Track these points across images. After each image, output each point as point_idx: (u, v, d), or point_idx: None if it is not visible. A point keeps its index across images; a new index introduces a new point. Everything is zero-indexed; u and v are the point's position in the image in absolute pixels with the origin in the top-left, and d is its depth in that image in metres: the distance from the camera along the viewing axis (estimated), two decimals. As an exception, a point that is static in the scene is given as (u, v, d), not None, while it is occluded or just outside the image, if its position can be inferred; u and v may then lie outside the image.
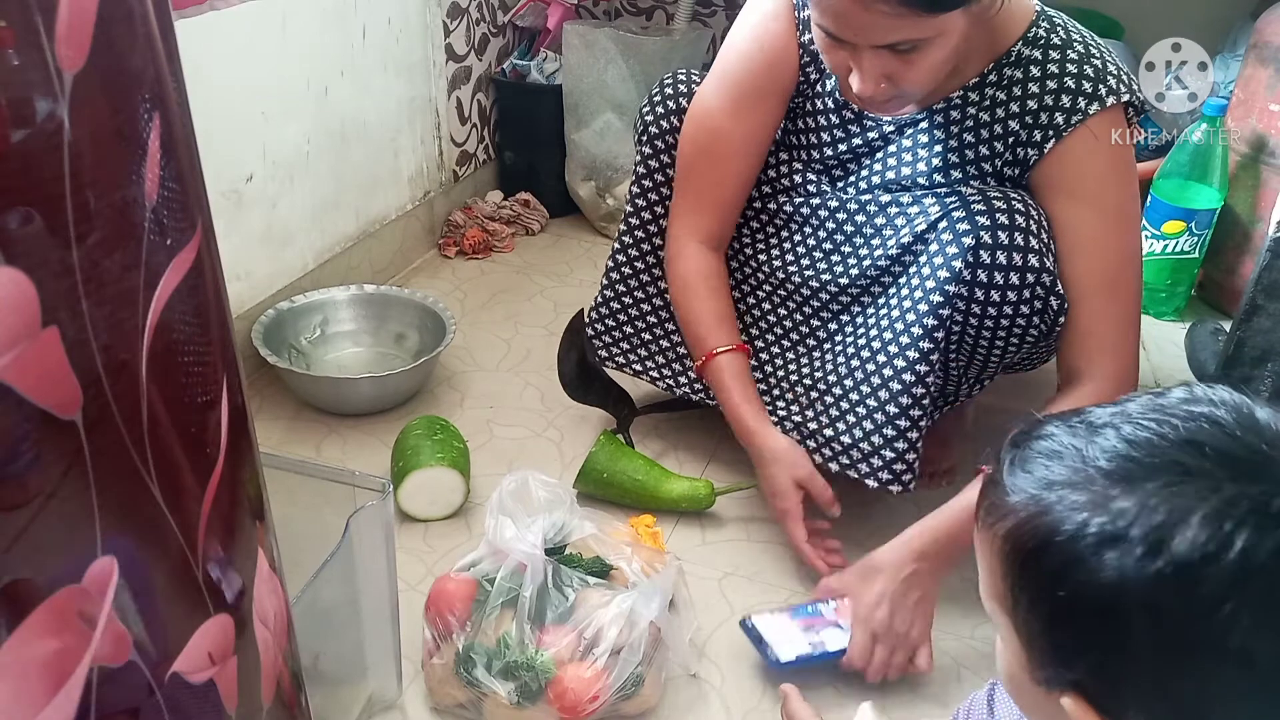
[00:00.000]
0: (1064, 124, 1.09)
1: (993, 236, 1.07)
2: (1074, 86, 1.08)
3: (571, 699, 0.95)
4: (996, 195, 1.09)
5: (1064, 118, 1.09)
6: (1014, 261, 1.07)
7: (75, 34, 0.39)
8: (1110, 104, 1.08)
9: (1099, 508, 0.51)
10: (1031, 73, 1.11)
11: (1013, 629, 0.58)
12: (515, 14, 2.15)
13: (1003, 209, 1.07)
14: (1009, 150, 1.13)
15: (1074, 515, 0.52)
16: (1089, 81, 1.08)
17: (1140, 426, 0.53)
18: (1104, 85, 1.08)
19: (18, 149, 0.37)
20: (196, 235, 0.50)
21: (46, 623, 0.41)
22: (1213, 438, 0.51)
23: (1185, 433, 0.52)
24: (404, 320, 1.66)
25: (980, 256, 1.07)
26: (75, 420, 0.41)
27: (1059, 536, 0.52)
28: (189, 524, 0.51)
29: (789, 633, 1.07)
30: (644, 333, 1.39)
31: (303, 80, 1.62)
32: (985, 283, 1.08)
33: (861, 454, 1.18)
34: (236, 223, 1.53)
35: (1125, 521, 0.50)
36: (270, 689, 0.63)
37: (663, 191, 1.32)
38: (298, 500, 0.91)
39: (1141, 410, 0.55)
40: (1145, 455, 0.52)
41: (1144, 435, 0.53)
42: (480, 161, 2.20)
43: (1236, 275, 1.80)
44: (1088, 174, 1.10)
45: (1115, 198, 1.11)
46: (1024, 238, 1.07)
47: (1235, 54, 1.92)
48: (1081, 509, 0.52)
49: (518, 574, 1.00)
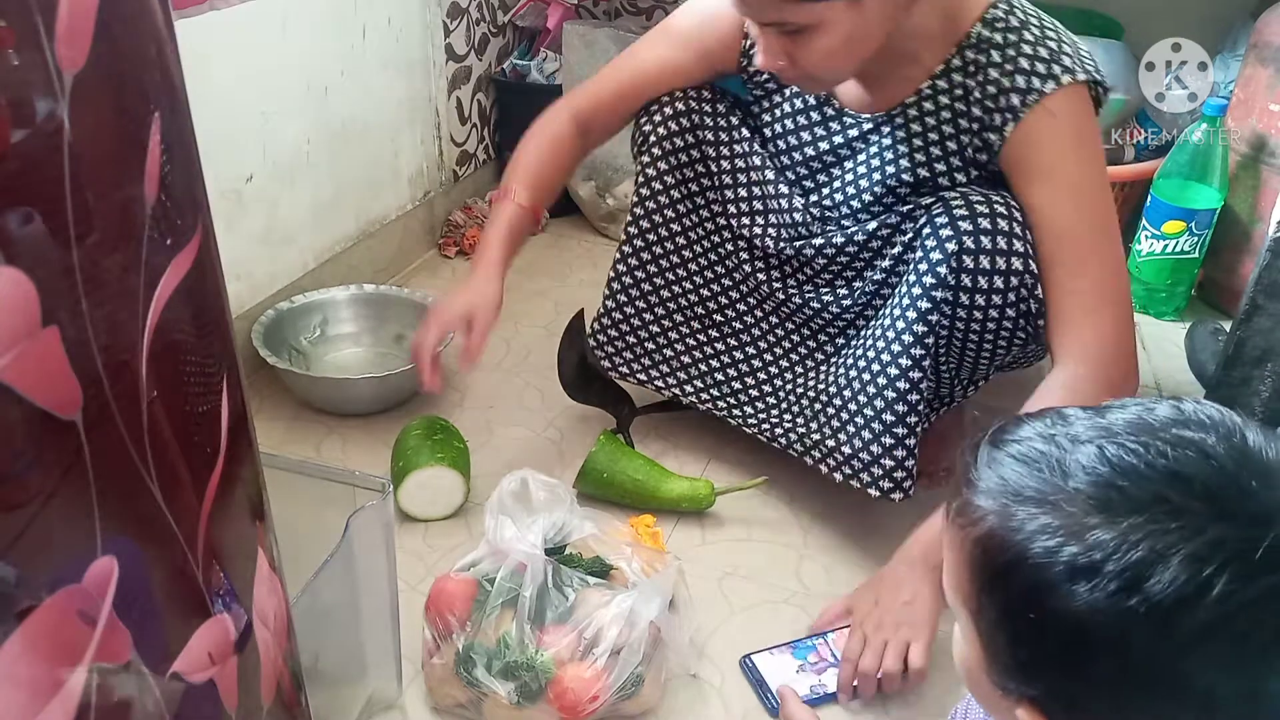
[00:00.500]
0: (1020, 105, 1.08)
1: (975, 241, 1.07)
2: (1028, 67, 1.08)
3: (571, 699, 0.95)
4: (979, 198, 1.09)
5: (1020, 99, 1.08)
6: (997, 265, 1.07)
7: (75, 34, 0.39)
8: (1066, 82, 1.07)
9: (1075, 536, 0.50)
10: (992, 56, 1.10)
11: (976, 632, 0.57)
12: (515, 14, 2.15)
13: (984, 213, 1.08)
14: (976, 137, 1.14)
15: (1048, 540, 0.51)
16: (1043, 62, 1.08)
17: (1125, 450, 0.52)
18: (1058, 64, 1.07)
19: (18, 149, 0.37)
20: (196, 235, 0.50)
21: (46, 623, 0.41)
22: (1200, 470, 0.50)
23: (1173, 463, 0.50)
24: (404, 320, 1.66)
25: (964, 261, 1.07)
26: (75, 420, 0.41)
27: (1030, 559, 0.51)
28: (189, 524, 0.51)
29: (790, 674, 1.07)
30: (648, 342, 1.39)
31: (303, 80, 1.62)
32: (970, 287, 1.08)
33: (862, 463, 1.19)
34: (236, 223, 1.52)
35: (1102, 554, 0.49)
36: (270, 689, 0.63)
37: (660, 200, 1.32)
38: (298, 500, 0.91)
39: (1127, 428, 0.53)
40: (1129, 485, 0.51)
41: (1129, 462, 0.51)
42: (480, 161, 2.20)
43: (1236, 275, 1.80)
44: (1046, 153, 1.09)
45: (1075, 173, 1.09)
46: (1006, 240, 1.07)
47: (1235, 54, 1.92)
48: (1056, 534, 0.51)
49: (518, 574, 1.00)
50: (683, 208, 1.32)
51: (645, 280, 1.36)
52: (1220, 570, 0.47)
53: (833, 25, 1.03)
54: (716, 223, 1.32)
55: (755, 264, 1.31)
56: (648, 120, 1.32)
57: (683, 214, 1.33)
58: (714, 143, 1.29)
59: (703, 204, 1.32)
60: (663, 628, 1.00)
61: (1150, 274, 1.84)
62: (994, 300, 1.09)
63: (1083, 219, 1.09)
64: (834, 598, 1.18)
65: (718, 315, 1.36)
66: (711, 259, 1.34)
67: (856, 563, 1.24)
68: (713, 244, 1.33)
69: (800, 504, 1.34)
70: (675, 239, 1.33)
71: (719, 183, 1.30)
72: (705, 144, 1.29)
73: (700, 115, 1.29)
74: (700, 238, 1.33)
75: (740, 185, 1.29)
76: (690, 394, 1.39)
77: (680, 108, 1.29)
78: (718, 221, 1.32)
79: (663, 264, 1.35)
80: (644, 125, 1.32)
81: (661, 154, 1.31)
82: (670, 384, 1.40)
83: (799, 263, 1.28)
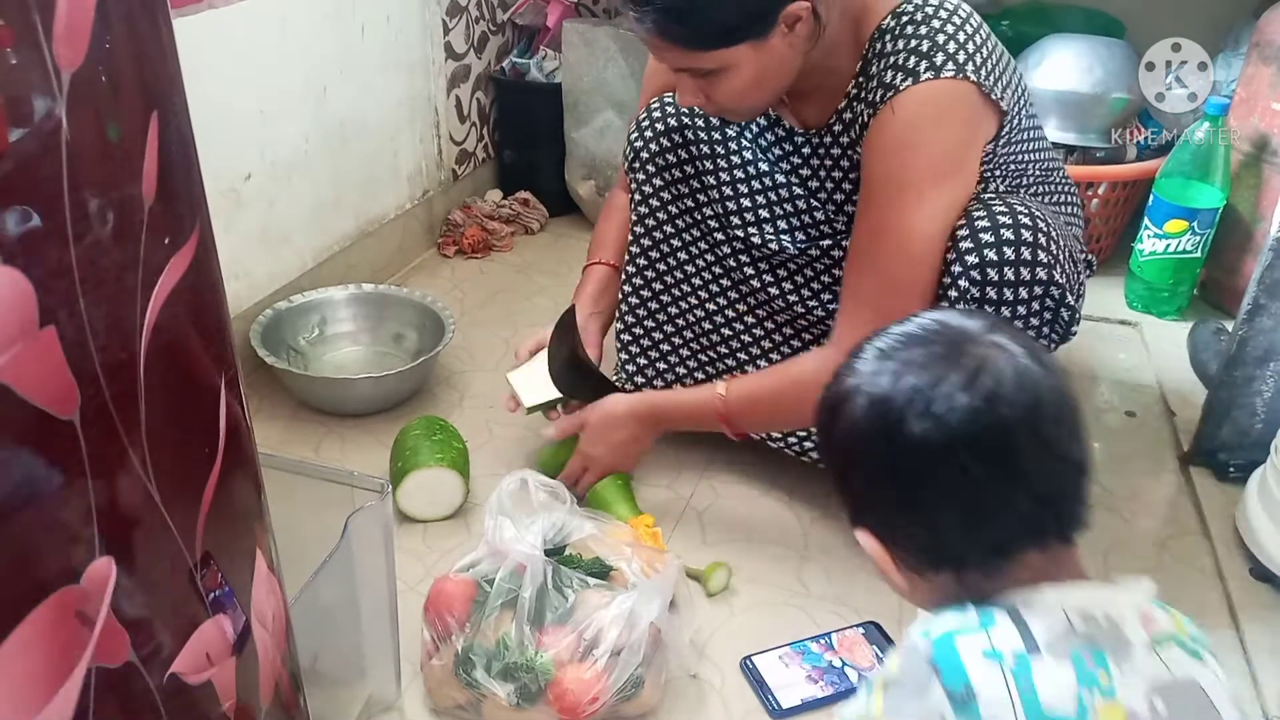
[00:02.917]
0: (880, 100, 1.06)
1: (998, 253, 1.05)
2: (900, 63, 1.05)
3: (571, 700, 0.95)
4: (1002, 209, 1.07)
5: (881, 94, 1.06)
6: (1021, 276, 1.06)
7: (73, 33, 0.39)
8: (927, 78, 1.03)
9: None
10: (886, 56, 1.08)
11: (844, 502, 0.75)
12: (514, 12, 2.15)
13: (1008, 224, 1.06)
14: (861, 136, 1.11)
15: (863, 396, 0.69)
16: (916, 56, 1.04)
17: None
18: (925, 61, 1.03)
19: (16, 148, 0.37)
20: (194, 235, 0.50)
21: (45, 623, 0.41)
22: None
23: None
24: (403, 320, 1.66)
25: (988, 274, 1.06)
26: (73, 420, 0.41)
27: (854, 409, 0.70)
28: (188, 524, 0.51)
29: (790, 676, 1.07)
30: (659, 362, 1.41)
31: (301, 79, 1.62)
32: (995, 299, 1.07)
33: None
34: (235, 222, 1.52)
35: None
36: (269, 690, 0.63)
37: (659, 217, 1.32)
38: (297, 500, 0.91)
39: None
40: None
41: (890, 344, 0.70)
42: (479, 160, 2.20)
43: (1239, 275, 1.80)
44: (872, 147, 1.08)
45: (883, 170, 1.07)
46: (1031, 251, 1.06)
47: (1237, 53, 1.92)
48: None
49: (517, 575, 1.00)
50: (681, 223, 1.32)
51: (652, 299, 1.37)
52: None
53: (741, 66, 1.05)
54: (716, 228, 1.30)
55: (760, 269, 1.30)
56: (639, 136, 1.31)
57: (682, 229, 1.32)
58: (707, 155, 1.27)
59: (699, 216, 1.31)
60: (663, 629, 0.99)
61: (1152, 273, 1.84)
62: (1019, 311, 1.08)
63: (875, 217, 1.08)
64: (835, 599, 1.18)
65: (725, 328, 1.35)
66: (716, 271, 1.32)
67: (856, 564, 1.24)
68: (718, 256, 1.31)
69: (800, 504, 1.34)
70: (677, 254, 1.33)
71: (718, 195, 1.28)
72: (698, 158, 1.28)
73: (689, 129, 1.28)
74: (704, 251, 1.32)
75: (738, 181, 1.27)
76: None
77: (672, 124, 1.29)
78: (718, 227, 1.30)
79: (668, 280, 1.35)
80: (634, 141, 1.32)
81: (655, 170, 1.30)
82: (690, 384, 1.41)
83: (797, 264, 1.28)
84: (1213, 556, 1.26)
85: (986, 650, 0.62)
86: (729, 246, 1.30)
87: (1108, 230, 1.97)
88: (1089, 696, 0.60)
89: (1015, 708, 0.60)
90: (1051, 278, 1.07)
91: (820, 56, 1.10)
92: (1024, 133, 1.16)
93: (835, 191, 1.22)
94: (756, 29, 1.03)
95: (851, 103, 1.15)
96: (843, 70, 1.13)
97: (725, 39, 1.03)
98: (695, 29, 1.03)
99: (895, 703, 0.65)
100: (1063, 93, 1.85)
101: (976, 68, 1.04)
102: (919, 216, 1.06)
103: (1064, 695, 0.60)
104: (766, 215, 1.27)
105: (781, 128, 1.25)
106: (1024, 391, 0.65)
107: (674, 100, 1.29)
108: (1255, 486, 1.27)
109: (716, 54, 1.04)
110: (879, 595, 1.18)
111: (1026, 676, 0.61)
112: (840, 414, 0.70)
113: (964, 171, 1.07)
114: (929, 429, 0.64)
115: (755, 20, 1.02)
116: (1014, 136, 1.13)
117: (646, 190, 1.32)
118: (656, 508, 1.31)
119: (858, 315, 1.08)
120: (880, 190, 1.07)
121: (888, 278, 1.08)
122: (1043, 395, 0.66)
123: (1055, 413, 0.66)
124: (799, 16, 1.03)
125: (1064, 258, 1.10)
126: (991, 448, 0.64)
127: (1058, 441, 0.66)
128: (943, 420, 0.64)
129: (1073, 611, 0.63)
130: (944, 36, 1.04)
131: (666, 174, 1.30)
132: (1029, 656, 0.61)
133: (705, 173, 1.28)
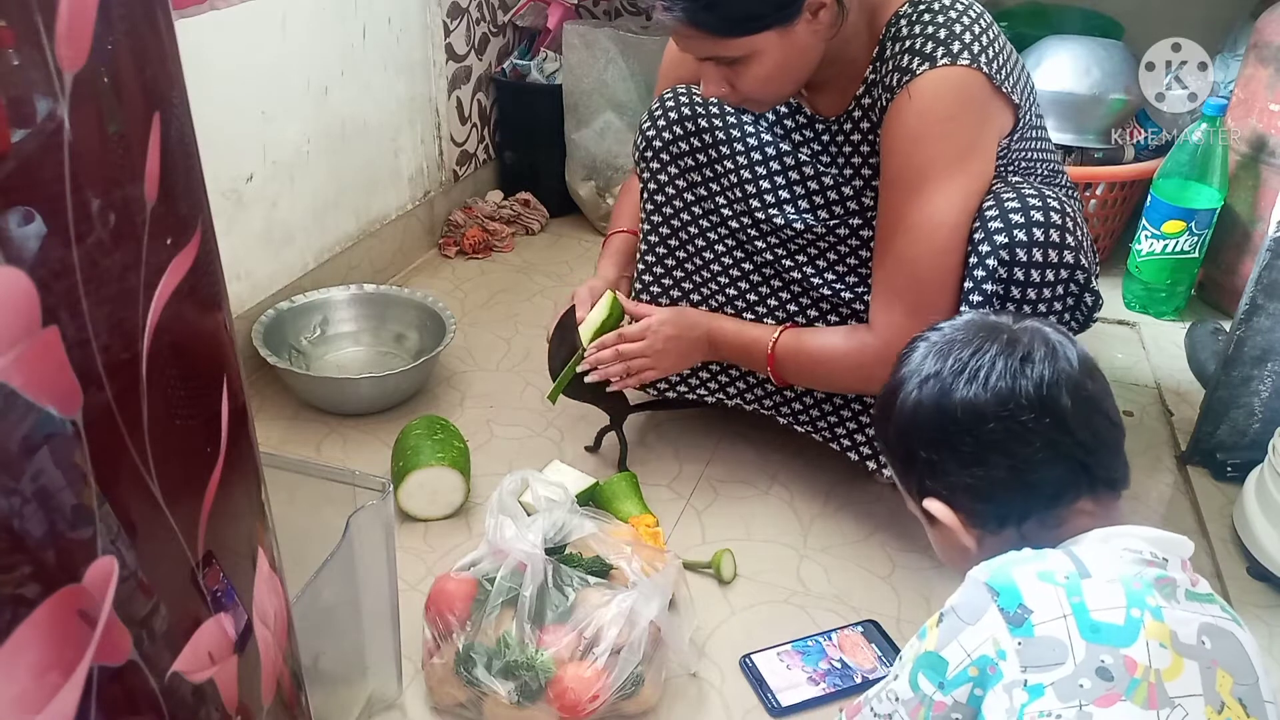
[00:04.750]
0: (896, 85, 1.09)
1: (1027, 234, 1.06)
2: (917, 48, 1.08)
3: (571, 698, 0.95)
4: (1031, 192, 1.09)
5: (898, 79, 1.09)
6: (1049, 258, 1.07)
7: (75, 34, 0.39)
8: (943, 64, 1.06)
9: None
10: (901, 42, 1.10)
11: (906, 490, 0.83)
12: (515, 14, 2.15)
13: (1037, 205, 1.07)
14: (880, 122, 1.13)
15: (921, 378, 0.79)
16: (933, 43, 1.07)
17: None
18: (942, 48, 1.06)
19: (18, 149, 0.37)
20: (196, 235, 0.50)
21: (47, 622, 0.41)
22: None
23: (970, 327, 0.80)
24: (404, 320, 1.66)
25: (1015, 254, 1.07)
26: (75, 420, 0.41)
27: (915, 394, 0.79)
28: (189, 524, 0.51)
29: (790, 674, 1.07)
30: None
31: (303, 80, 1.62)
32: (1021, 280, 1.08)
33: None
34: (236, 222, 1.53)
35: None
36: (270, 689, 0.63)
37: (675, 205, 1.32)
38: (298, 500, 0.91)
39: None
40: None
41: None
42: (480, 161, 2.20)
43: (1236, 275, 1.80)
44: (890, 135, 1.10)
45: (902, 161, 1.09)
46: (1059, 234, 1.07)
47: (1235, 54, 1.92)
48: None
49: (518, 573, 1.00)
50: (698, 209, 1.32)
51: (674, 286, 1.36)
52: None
53: (766, 53, 1.07)
54: (730, 215, 1.30)
55: (780, 253, 1.29)
56: (650, 125, 1.31)
57: (699, 216, 1.32)
58: (723, 141, 1.27)
59: (715, 204, 1.31)
60: (663, 627, 1.00)
61: (1150, 274, 1.84)
62: (1044, 294, 1.08)
63: (898, 207, 1.10)
64: (835, 598, 1.19)
65: (747, 312, 1.34)
66: (738, 255, 1.32)
67: (856, 563, 1.24)
68: (738, 241, 1.31)
69: (800, 504, 1.34)
70: (695, 241, 1.33)
71: (735, 180, 1.28)
72: (711, 145, 1.28)
73: (702, 118, 1.28)
74: (722, 237, 1.32)
75: (756, 164, 1.27)
76: (698, 387, 1.40)
77: (685, 112, 1.29)
78: (732, 214, 1.30)
79: (688, 268, 1.35)
80: (646, 130, 1.32)
81: (669, 158, 1.30)
82: (702, 395, 1.41)
83: (824, 244, 1.27)
84: (1210, 556, 1.27)
85: (1041, 572, 0.68)
86: (745, 233, 1.30)
87: (1106, 231, 1.97)
88: (1138, 614, 0.66)
89: (1068, 621, 0.66)
90: (1078, 261, 1.08)
91: (838, 46, 1.11)
92: (1034, 130, 1.19)
93: (862, 168, 1.22)
94: (782, 16, 1.05)
95: (869, 88, 1.16)
96: (859, 59, 1.15)
97: (752, 26, 1.05)
98: (723, 16, 1.05)
99: (949, 634, 0.70)
100: (1061, 94, 1.85)
101: (989, 60, 1.07)
102: (940, 205, 1.08)
103: (1114, 611, 0.66)
104: (788, 195, 1.27)
105: (803, 114, 1.25)
106: (1061, 357, 0.76)
107: (686, 91, 1.30)
108: (1253, 486, 1.27)
109: (743, 41, 1.06)
110: (878, 594, 1.19)
111: (1078, 593, 0.67)
112: (901, 398, 0.79)
113: (981, 157, 1.10)
114: (979, 391, 0.75)
115: (781, 7, 1.05)
116: (1025, 134, 1.15)
117: (662, 179, 1.32)
118: (656, 507, 1.31)
119: (891, 307, 1.13)
120: (900, 180, 1.10)
121: (914, 269, 1.11)
122: (1079, 357, 0.77)
123: (1091, 372, 0.77)
124: (823, 3, 1.06)
125: (1087, 245, 1.12)
126: (1040, 401, 0.74)
127: (1096, 398, 0.76)
128: (991, 384, 0.75)
129: (1121, 547, 0.71)
130: (960, 27, 1.07)
131: (680, 162, 1.30)
132: (1080, 578, 0.68)
133: (721, 159, 1.28)
